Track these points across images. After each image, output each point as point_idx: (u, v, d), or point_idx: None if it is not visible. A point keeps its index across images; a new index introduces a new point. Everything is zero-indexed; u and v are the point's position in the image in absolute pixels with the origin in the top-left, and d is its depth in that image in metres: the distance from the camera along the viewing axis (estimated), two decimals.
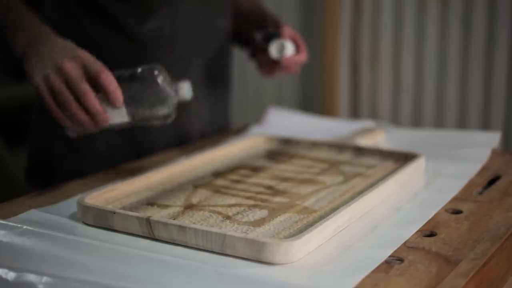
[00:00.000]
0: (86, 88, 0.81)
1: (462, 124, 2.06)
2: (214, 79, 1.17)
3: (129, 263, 0.62)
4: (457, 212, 0.76)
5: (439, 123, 2.09)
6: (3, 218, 0.73)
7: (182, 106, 1.11)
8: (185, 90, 0.87)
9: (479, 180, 0.88)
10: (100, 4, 1.04)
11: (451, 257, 0.63)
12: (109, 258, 0.63)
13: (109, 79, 0.82)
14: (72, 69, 0.81)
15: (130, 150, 1.10)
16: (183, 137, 1.14)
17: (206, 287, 0.58)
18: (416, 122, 2.13)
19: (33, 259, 0.64)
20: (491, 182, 0.87)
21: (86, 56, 0.83)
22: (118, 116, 0.84)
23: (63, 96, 0.81)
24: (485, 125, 2.02)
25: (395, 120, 2.17)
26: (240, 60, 1.48)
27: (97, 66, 0.82)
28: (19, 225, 0.70)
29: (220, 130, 1.21)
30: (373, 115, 2.20)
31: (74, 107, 0.81)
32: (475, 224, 0.72)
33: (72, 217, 0.75)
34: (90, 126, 0.83)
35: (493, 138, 1.03)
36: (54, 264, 0.63)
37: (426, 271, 0.60)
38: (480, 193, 0.83)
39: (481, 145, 1.01)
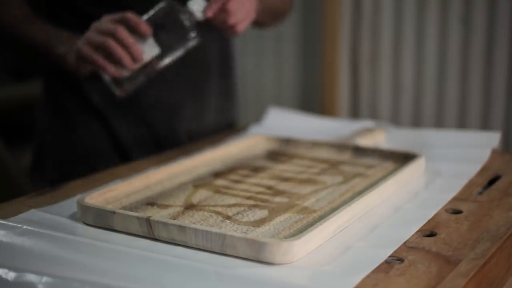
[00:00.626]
0: (116, 25, 0.91)
1: (462, 124, 2.05)
2: (202, 76, 1.17)
3: (129, 263, 0.62)
4: (457, 212, 0.76)
5: (439, 123, 2.09)
6: (3, 218, 0.73)
7: (171, 106, 1.12)
8: (197, 6, 0.95)
9: (479, 180, 0.88)
10: (81, 9, 1.06)
11: (451, 257, 0.63)
12: (109, 258, 0.63)
13: (132, 15, 0.91)
14: (101, 21, 0.93)
15: (119, 149, 1.12)
16: (170, 136, 1.15)
17: (206, 287, 0.58)
18: (416, 122, 2.13)
19: (33, 259, 0.64)
20: (491, 182, 0.87)
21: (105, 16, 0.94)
22: (150, 49, 0.93)
23: (100, 38, 0.91)
24: (485, 125, 2.02)
25: (395, 120, 2.17)
26: (240, 60, 1.48)
27: (119, 14, 0.92)
28: (19, 225, 0.70)
29: (219, 129, 1.21)
30: (373, 115, 2.20)
31: (111, 41, 0.90)
32: (475, 224, 0.72)
33: (72, 217, 0.75)
34: (128, 63, 0.91)
35: (493, 138, 1.03)
36: (54, 264, 0.63)
37: (426, 271, 0.60)
38: (480, 193, 0.83)
39: (481, 145, 1.01)
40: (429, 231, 0.70)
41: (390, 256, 0.63)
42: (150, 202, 0.78)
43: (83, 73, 0.99)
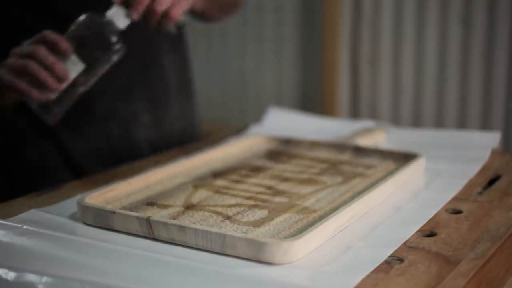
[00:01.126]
0: (34, 47, 0.85)
1: (462, 124, 2.06)
2: (158, 84, 1.13)
3: (129, 263, 0.62)
4: (457, 212, 0.76)
5: (439, 123, 2.09)
6: (3, 218, 0.73)
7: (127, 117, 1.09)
8: (117, 15, 0.89)
9: (479, 180, 0.88)
10: (24, 20, 1.01)
11: (451, 257, 0.63)
12: (109, 258, 0.63)
13: (50, 33, 0.85)
14: (21, 46, 0.86)
15: (71, 165, 1.08)
16: (128, 146, 1.10)
17: (206, 287, 0.58)
18: (416, 122, 2.13)
19: (33, 259, 0.64)
20: (491, 182, 0.87)
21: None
22: (73, 66, 0.87)
23: (20, 62, 0.85)
24: (485, 125, 2.02)
25: (395, 120, 2.17)
26: (240, 61, 1.48)
27: (38, 34, 0.86)
28: (19, 225, 0.70)
29: (181, 135, 1.18)
30: (373, 115, 2.21)
31: (32, 64, 0.84)
32: (475, 224, 0.72)
33: (72, 217, 0.75)
34: (53, 84, 0.85)
35: (493, 138, 1.03)
36: (54, 264, 0.63)
37: (426, 271, 0.60)
38: (480, 193, 0.83)
39: (481, 145, 1.01)
40: (429, 231, 0.70)
41: (390, 256, 0.63)
42: (150, 202, 0.78)
43: (8, 103, 0.91)
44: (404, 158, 0.92)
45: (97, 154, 1.08)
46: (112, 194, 0.79)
